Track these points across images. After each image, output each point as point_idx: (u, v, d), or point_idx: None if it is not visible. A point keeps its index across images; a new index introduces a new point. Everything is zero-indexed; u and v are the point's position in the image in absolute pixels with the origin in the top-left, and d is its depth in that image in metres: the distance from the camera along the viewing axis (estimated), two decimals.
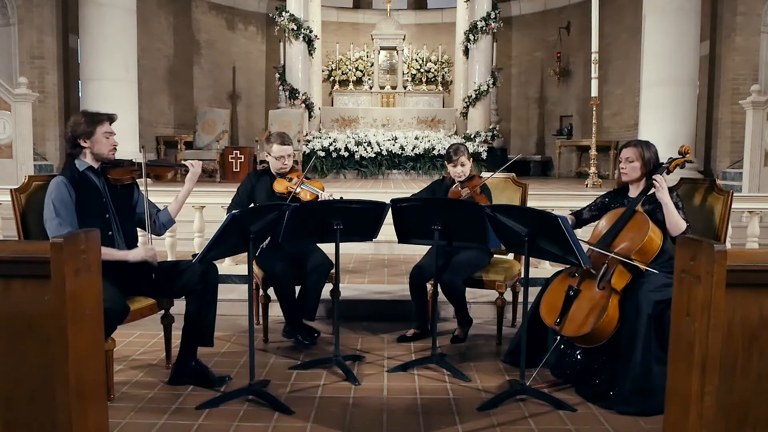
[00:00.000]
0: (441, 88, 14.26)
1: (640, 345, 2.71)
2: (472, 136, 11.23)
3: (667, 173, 3.07)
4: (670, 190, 3.04)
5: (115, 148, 2.95)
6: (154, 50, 11.38)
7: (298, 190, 3.59)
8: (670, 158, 3.11)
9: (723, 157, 8.76)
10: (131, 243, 3.03)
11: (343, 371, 3.09)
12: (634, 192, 3.13)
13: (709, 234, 3.06)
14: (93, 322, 1.67)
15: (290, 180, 3.68)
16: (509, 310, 3.95)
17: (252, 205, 3.69)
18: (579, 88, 12.48)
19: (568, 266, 3.03)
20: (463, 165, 3.68)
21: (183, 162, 3.18)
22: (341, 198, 3.36)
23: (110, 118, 2.95)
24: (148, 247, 2.96)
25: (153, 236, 3.04)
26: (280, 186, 3.65)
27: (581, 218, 3.32)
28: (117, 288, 2.73)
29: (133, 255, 2.91)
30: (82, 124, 2.87)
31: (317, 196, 3.57)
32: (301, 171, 3.80)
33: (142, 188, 3.03)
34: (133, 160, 3.04)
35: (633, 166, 3.06)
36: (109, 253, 2.79)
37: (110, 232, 2.90)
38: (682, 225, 2.88)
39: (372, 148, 10.63)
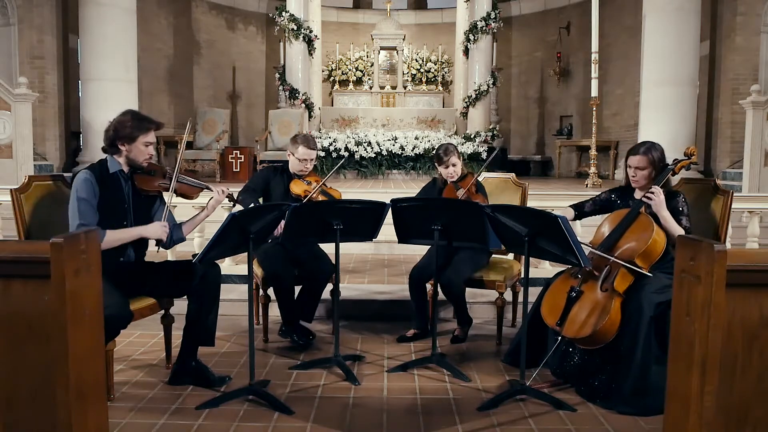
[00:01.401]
0: (441, 88, 14.26)
1: (641, 346, 2.71)
2: (472, 136, 11.23)
3: (673, 175, 3.06)
4: (675, 193, 3.03)
5: (152, 157, 2.92)
6: (154, 50, 11.37)
7: (317, 194, 3.56)
8: (676, 160, 3.11)
9: (723, 157, 8.76)
10: (140, 251, 3.01)
11: (343, 371, 3.09)
12: (639, 193, 3.12)
13: (709, 234, 3.06)
14: (93, 322, 1.67)
15: (308, 183, 3.67)
16: (509, 310, 3.95)
17: (263, 197, 3.71)
18: (579, 88, 12.48)
19: (569, 267, 3.03)
20: (454, 165, 3.66)
21: (212, 187, 3.12)
22: None
23: (158, 127, 2.92)
24: (162, 224, 2.92)
25: (161, 248, 3.01)
26: (297, 188, 3.65)
27: (582, 211, 3.31)
28: (120, 293, 2.72)
29: (149, 232, 2.89)
30: (127, 128, 2.83)
31: None
32: (320, 177, 3.78)
33: (166, 198, 3.00)
34: (166, 170, 3.00)
35: (643, 173, 3.05)
36: (125, 235, 2.82)
37: None
38: (682, 233, 2.88)
39: (372, 148, 10.63)
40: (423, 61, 14.49)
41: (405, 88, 14.04)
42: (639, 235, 2.89)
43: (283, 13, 11.14)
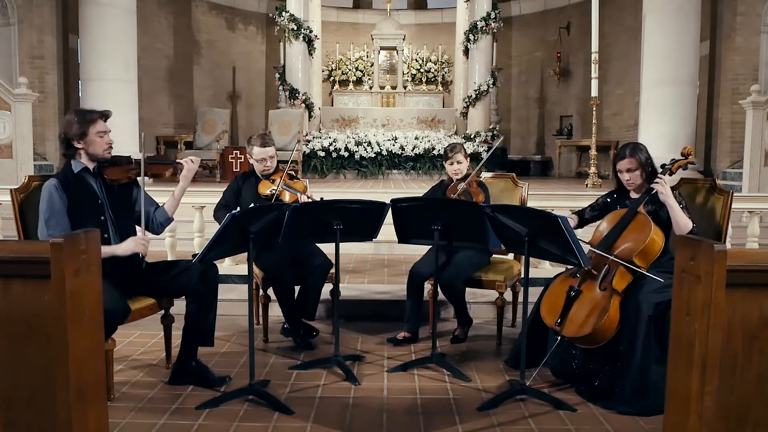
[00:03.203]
0: (441, 88, 14.26)
1: (640, 346, 2.71)
2: (472, 136, 11.23)
3: (670, 174, 3.06)
4: (672, 189, 3.03)
5: (111, 147, 2.89)
6: (154, 50, 11.37)
7: (280, 189, 3.56)
8: (673, 159, 3.11)
9: (723, 157, 8.76)
10: (136, 256, 2.99)
11: (343, 371, 3.09)
12: (635, 193, 3.13)
13: (709, 234, 3.06)
14: (93, 322, 1.67)
15: (273, 181, 3.64)
16: (509, 310, 3.95)
17: (238, 207, 3.67)
18: (579, 88, 12.48)
19: (569, 267, 3.03)
20: (459, 162, 3.69)
21: (180, 161, 3.11)
22: (321, 198, 3.29)
23: (104, 115, 2.88)
24: (138, 238, 2.88)
25: (151, 235, 3.00)
26: (264, 188, 3.63)
27: (583, 218, 3.32)
28: (117, 289, 2.72)
29: (122, 249, 2.83)
30: (75, 125, 2.81)
31: (297, 197, 3.56)
32: (283, 171, 3.75)
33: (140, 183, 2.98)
34: (131, 158, 2.99)
35: (636, 174, 3.06)
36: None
37: (106, 235, 2.87)
38: (689, 224, 2.88)
39: (372, 148, 10.63)
40: (423, 61, 14.49)
41: (405, 88, 14.04)
42: (637, 234, 2.89)
43: (283, 13, 11.14)
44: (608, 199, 3.25)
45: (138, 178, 2.97)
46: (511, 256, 3.92)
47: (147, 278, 2.96)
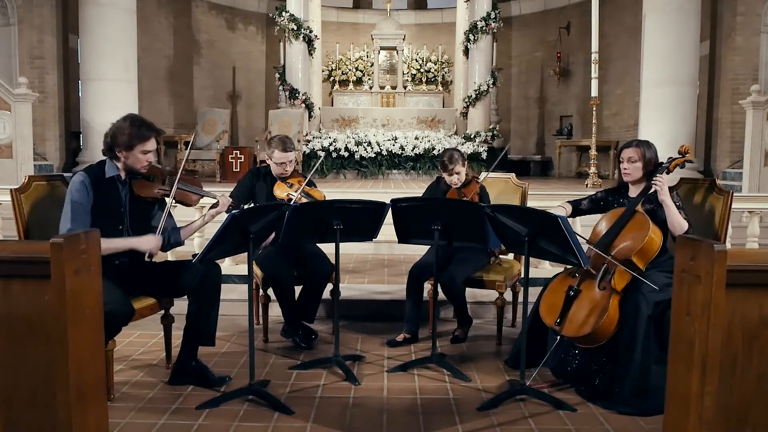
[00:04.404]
0: (441, 88, 14.26)
1: (640, 345, 2.71)
2: (472, 136, 11.23)
3: (667, 173, 3.06)
4: (670, 189, 3.04)
5: (149, 164, 2.89)
6: (154, 50, 11.37)
7: (298, 196, 3.55)
8: (670, 158, 3.12)
9: (723, 157, 8.76)
10: (138, 256, 2.98)
11: (343, 371, 3.09)
12: (634, 192, 3.13)
13: (709, 234, 3.06)
14: (93, 322, 1.67)
15: (290, 186, 3.64)
16: (509, 310, 3.95)
17: (252, 204, 3.68)
18: (579, 88, 12.47)
19: (568, 266, 3.03)
20: (458, 173, 3.66)
21: (216, 197, 3.10)
22: None
23: (159, 134, 2.87)
24: (158, 237, 2.88)
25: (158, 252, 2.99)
26: (279, 191, 3.63)
27: (578, 208, 3.32)
28: (121, 290, 2.72)
29: (145, 245, 2.84)
30: (125, 136, 2.77)
31: None
32: (303, 177, 3.75)
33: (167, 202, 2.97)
34: (166, 175, 2.97)
35: (636, 166, 3.06)
36: (116, 245, 2.77)
37: None
38: (685, 225, 2.89)
39: (372, 148, 10.64)
40: (423, 61, 14.49)
41: (405, 88, 14.05)
42: (635, 234, 2.89)
43: (283, 13, 11.14)
44: (608, 196, 3.26)
45: (165, 198, 2.95)
46: (511, 256, 3.92)
47: (148, 278, 2.96)
